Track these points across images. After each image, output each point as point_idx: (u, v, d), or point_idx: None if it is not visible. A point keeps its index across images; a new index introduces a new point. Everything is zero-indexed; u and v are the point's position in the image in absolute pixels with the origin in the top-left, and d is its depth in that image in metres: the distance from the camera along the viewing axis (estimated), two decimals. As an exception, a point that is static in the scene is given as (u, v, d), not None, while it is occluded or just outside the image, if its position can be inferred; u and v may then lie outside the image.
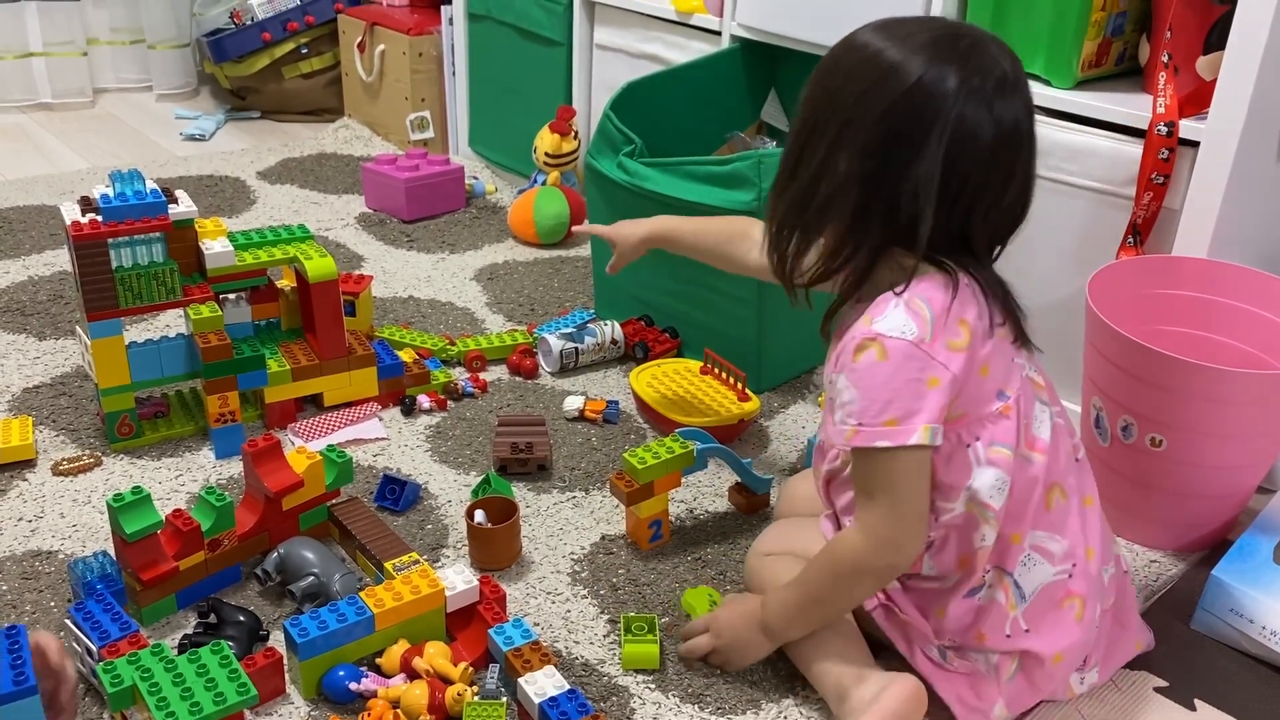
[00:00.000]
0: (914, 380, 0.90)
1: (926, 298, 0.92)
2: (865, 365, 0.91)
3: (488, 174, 2.51)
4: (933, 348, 0.90)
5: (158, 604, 1.13)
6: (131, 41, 2.98)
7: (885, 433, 0.91)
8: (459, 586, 1.10)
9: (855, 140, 0.90)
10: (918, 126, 0.88)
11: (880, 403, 0.91)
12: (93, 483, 1.36)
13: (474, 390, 1.61)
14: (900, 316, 0.91)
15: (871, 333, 0.91)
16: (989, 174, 0.90)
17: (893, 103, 0.88)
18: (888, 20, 0.94)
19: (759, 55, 1.90)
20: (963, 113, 0.87)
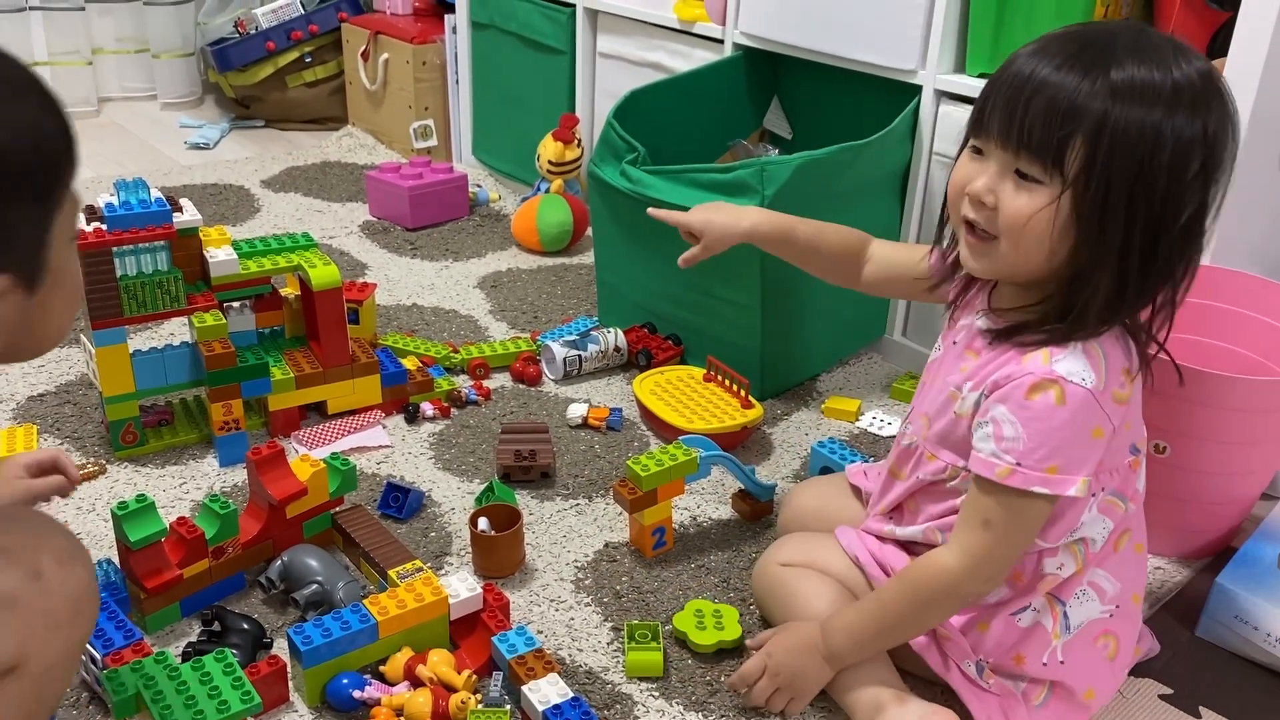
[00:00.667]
0: (1085, 430, 0.88)
1: (1106, 348, 0.89)
2: (1041, 407, 0.87)
3: (491, 182, 2.52)
4: (1104, 397, 0.88)
5: (162, 612, 1.13)
6: (136, 50, 3.00)
7: (1045, 479, 0.88)
8: (462, 594, 1.10)
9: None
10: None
11: (1048, 448, 0.88)
12: (97, 490, 1.36)
13: (477, 398, 1.61)
14: (1080, 361, 0.88)
15: (1052, 374, 0.87)
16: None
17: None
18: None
19: (761, 63, 1.90)
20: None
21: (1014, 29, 1.50)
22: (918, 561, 0.99)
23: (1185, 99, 0.83)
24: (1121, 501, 0.98)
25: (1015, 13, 1.49)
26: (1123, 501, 0.98)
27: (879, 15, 1.63)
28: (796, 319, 1.63)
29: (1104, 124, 0.82)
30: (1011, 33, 1.50)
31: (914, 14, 1.58)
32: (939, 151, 1.62)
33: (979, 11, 1.53)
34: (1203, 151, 0.84)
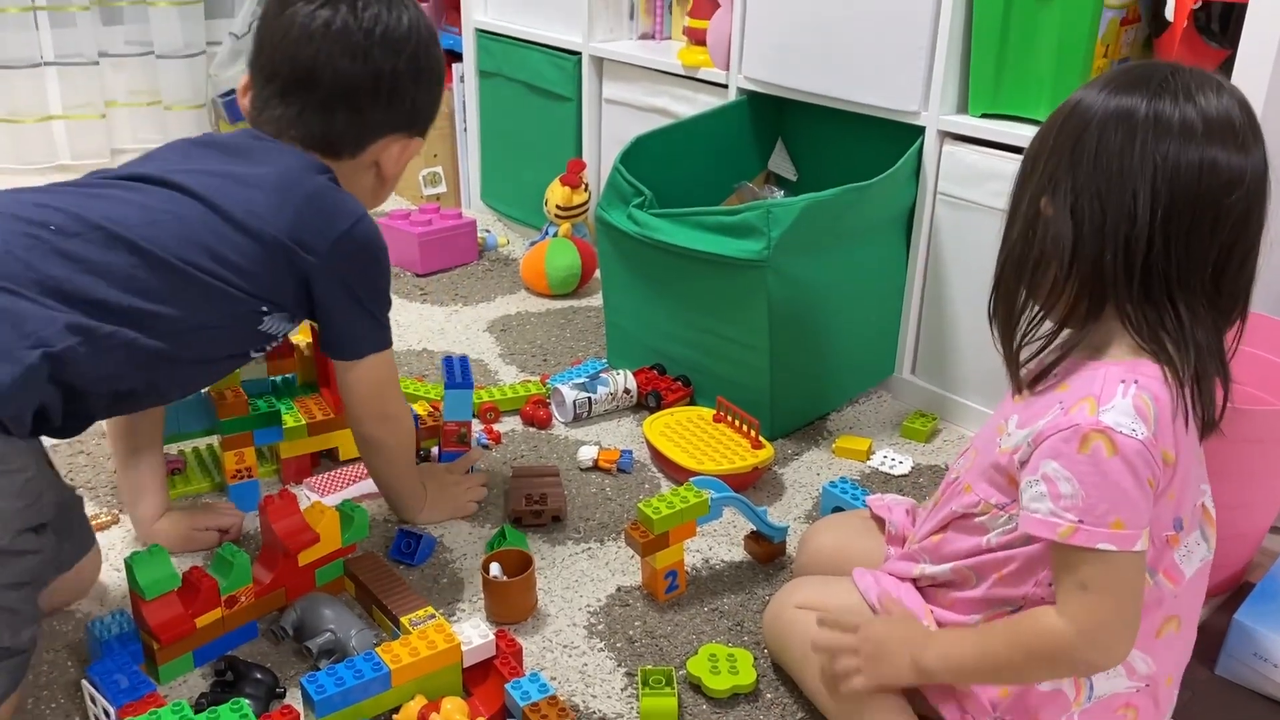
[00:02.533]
0: (1141, 482, 0.84)
1: (1151, 393, 0.85)
2: (1093, 460, 0.84)
3: (500, 227, 2.54)
4: (1155, 448, 0.84)
5: (175, 662, 1.13)
6: (149, 103, 3.04)
7: (1111, 536, 0.84)
8: (475, 641, 1.09)
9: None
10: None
11: (1108, 502, 0.84)
12: (110, 540, 1.37)
13: (488, 442, 1.61)
14: (1129, 411, 0.84)
15: (1100, 425, 0.84)
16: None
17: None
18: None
19: (765, 106, 1.92)
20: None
21: (1015, 69, 1.52)
22: (1025, 617, 0.93)
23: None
24: (1151, 577, 0.91)
25: (1017, 53, 1.51)
26: (1152, 577, 0.91)
27: (881, 58, 1.65)
28: (805, 358, 1.63)
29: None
30: (1013, 73, 1.52)
31: (916, 56, 1.60)
32: (944, 191, 1.64)
33: (980, 53, 1.55)
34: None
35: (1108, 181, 0.85)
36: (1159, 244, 0.85)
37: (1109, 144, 0.85)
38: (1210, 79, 0.87)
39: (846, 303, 1.65)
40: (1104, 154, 0.85)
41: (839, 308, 1.64)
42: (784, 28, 1.79)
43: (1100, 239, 0.86)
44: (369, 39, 1.14)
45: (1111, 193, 0.85)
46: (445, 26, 2.74)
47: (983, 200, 1.58)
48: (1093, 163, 0.86)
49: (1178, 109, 0.84)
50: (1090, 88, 0.89)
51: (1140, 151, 0.84)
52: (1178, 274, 0.86)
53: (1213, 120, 0.84)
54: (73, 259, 1.02)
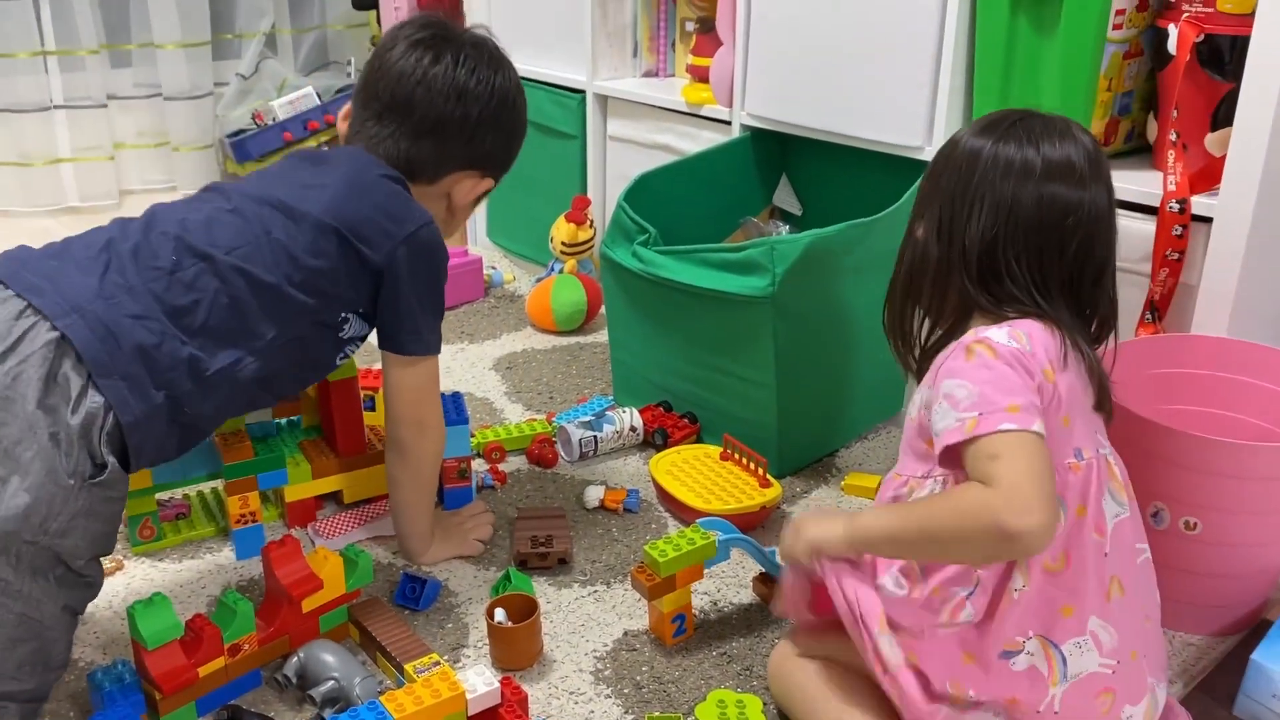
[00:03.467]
0: (1025, 378, 0.94)
1: (1026, 331, 0.98)
2: (979, 362, 0.96)
3: (506, 263, 2.54)
4: (1030, 360, 0.95)
5: (178, 712, 1.12)
6: (156, 144, 3.06)
7: (1009, 416, 0.91)
8: (480, 689, 1.08)
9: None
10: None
11: (1000, 392, 0.93)
12: (114, 587, 1.36)
13: (494, 483, 1.60)
14: (1004, 333, 0.97)
15: (981, 336, 0.97)
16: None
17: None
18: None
19: (769, 142, 1.92)
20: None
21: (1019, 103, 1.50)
22: (954, 488, 0.98)
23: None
24: (1064, 511, 0.96)
25: (1020, 88, 1.51)
26: (1063, 509, 0.96)
27: (884, 93, 1.65)
28: (813, 395, 1.62)
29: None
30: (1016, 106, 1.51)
31: (918, 91, 1.60)
32: (949, 225, 1.63)
33: (983, 87, 1.55)
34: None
35: (955, 209, 1.02)
36: (1010, 261, 1.00)
37: (962, 178, 1.02)
38: (1059, 126, 1.03)
39: (854, 338, 1.64)
40: (957, 186, 1.03)
41: (846, 343, 1.63)
42: (787, 64, 1.80)
43: (960, 257, 1.02)
44: (463, 87, 1.28)
45: (957, 218, 1.02)
46: (450, 66, 2.76)
47: (988, 234, 1.57)
48: (949, 193, 1.03)
49: (1020, 151, 1.01)
50: (965, 130, 1.06)
51: (979, 185, 1.01)
52: (1035, 286, 1.00)
53: (1052, 162, 1.00)
54: (188, 288, 1.13)
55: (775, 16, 1.80)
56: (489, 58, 1.32)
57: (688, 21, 2.14)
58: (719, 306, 1.54)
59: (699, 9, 2.05)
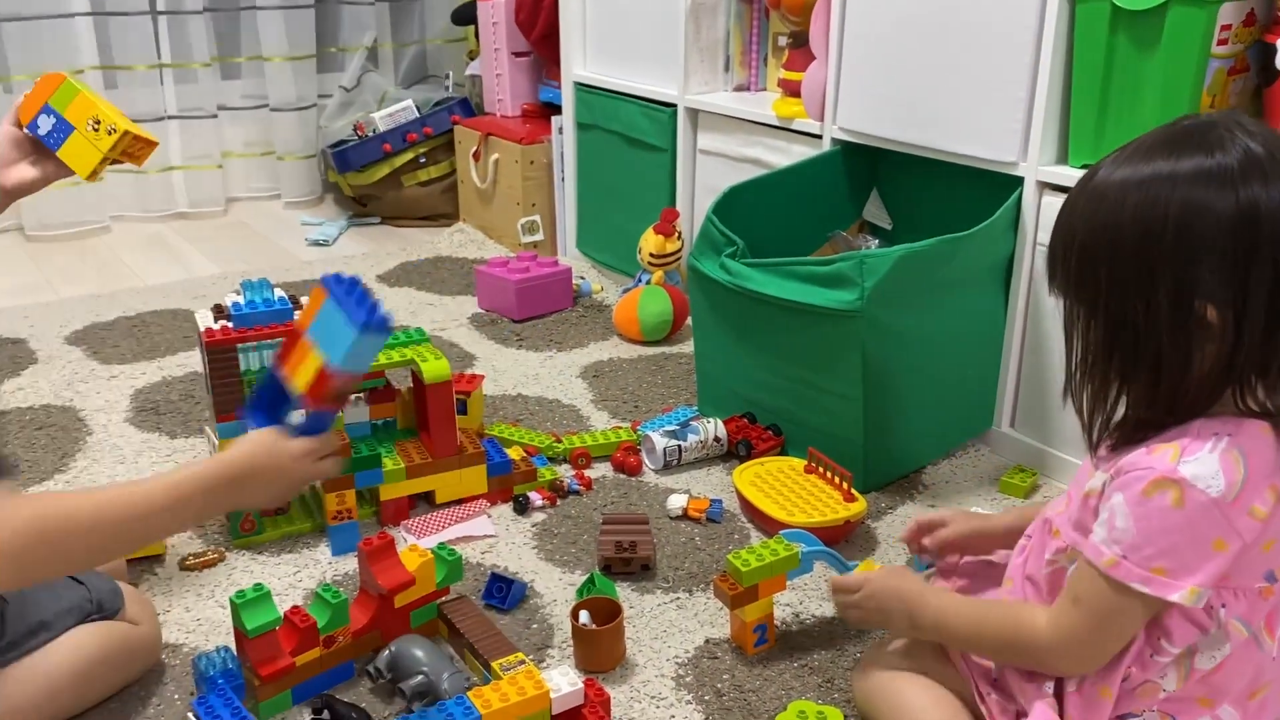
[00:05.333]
0: (1202, 537, 0.85)
1: (1245, 449, 0.85)
2: (1156, 506, 0.85)
3: (594, 274, 2.58)
4: (1233, 509, 0.84)
5: (274, 699, 1.16)
6: (262, 154, 3.18)
7: (1148, 578, 0.86)
8: (564, 689, 1.10)
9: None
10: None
11: (1157, 549, 0.85)
12: (216, 578, 1.42)
13: (579, 488, 1.63)
14: (1213, 465, 0.84)
15: (1175, 474, 0.84)
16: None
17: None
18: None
19: (860, 156, 1.92)
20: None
21: (1118, 120, 1.49)
22: (1024, 609, 0.99)
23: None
24: (1246, 629, 0.91)
25: (1119, 104, 1.49)
26: (1246, 630, 0.91)
27: (979, 109, 1.64)
28: (900, 410, 1.61)
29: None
30: (1115, 124, 1.49)
31: (1015, 107, 1.59)
32: (1043, 243, 1.61)
33: (1081, 103, 1.53)
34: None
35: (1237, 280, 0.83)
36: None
37: (1241, 239, 0.83)
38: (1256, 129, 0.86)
39: (943, 354, 1.63)
40: (1235, 249, 0.83)
41: (935, 359, 1.62)
42: (880, 79, 1.79)
43: (1267, 340, 0.84)
44: None
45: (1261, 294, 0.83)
46: (545, 80, 2.82)
47: (1084, 252, 1.55)
48: (1265, 267, 0.83)
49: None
50: (1209, 182, 0.84)
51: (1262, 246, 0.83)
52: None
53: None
54: None
55: (870, 31, 1.80)
56: None
57: (780, 36, 2.15)
58: (807, 319, 1.54)
59: (792, 24, 2.06)
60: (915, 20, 1.72)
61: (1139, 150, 0.89)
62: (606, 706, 1.13)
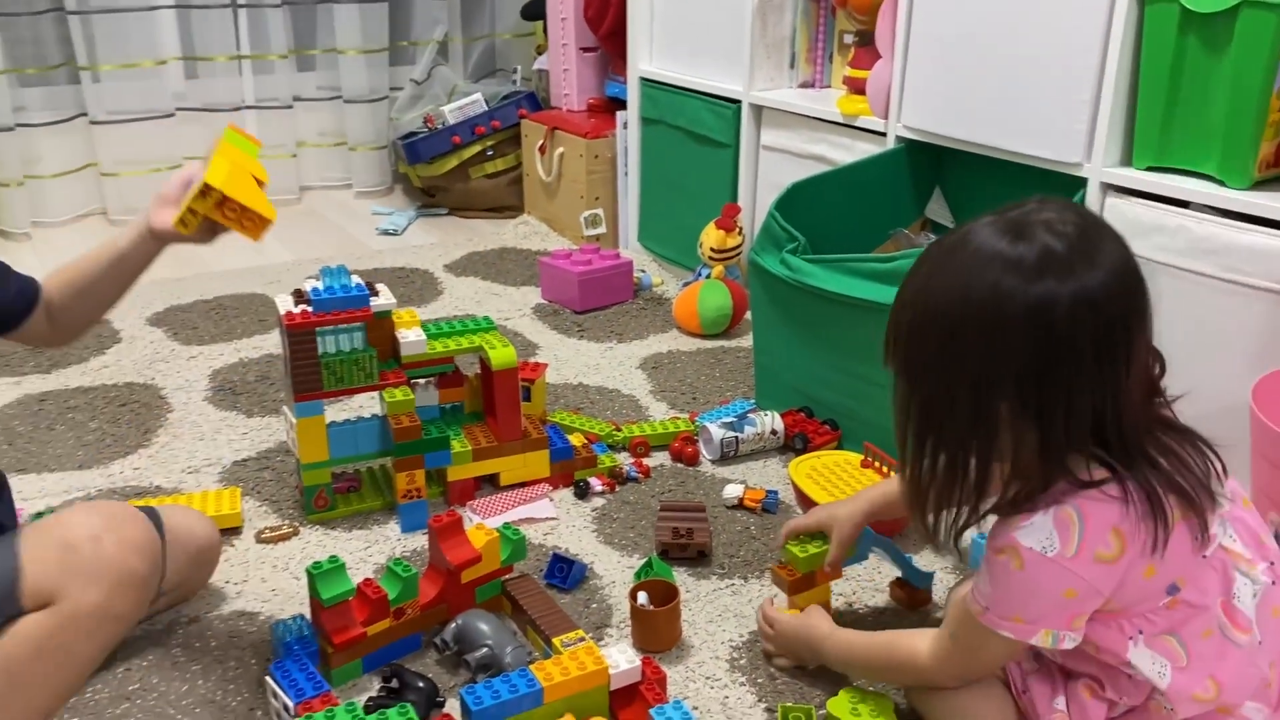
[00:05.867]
0: (1046, 591, 0.94)
1: (1080, 508, 0.92)
2: (1001, 568, 0.96)
3: (654, 267, 2.62)
4: (1074, 562, 0.92)
5: (346, 667, 1.22)
6: (335, 144, 3.27)
7: (1010, 626, 0.97)
8: (622, 665, 1.14)
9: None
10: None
11: (1009, 604, 0.96)
12: (290, 551, 1.48)
13: (637, 475, 1.67)
14: (1045, 528, 0.93)
15: (1013, 542, 0.94)
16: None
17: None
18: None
19: (923, 154, 1.94)
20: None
21: (1184, 122, 1.49)
22: (903, 635, 1.12)
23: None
24: (1176, 640, 0.96)
25: (1186, 107, 1.49)
26: (1177, 640, 0.96)
27: (1044, 109, 1.64)
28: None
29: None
30: (1181, 126, 1.50)
31: (1080, 108, 1.59)
32: (1105, 243, 1.61)
33: (1147, 105, 1.53)
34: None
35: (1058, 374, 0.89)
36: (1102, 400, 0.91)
37: (1069, 339, 0.88)
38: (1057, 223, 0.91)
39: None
40: (1063, 353, 0.88)
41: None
42: (946, 77, 1.81)
43: (1067, 424, 0.91)
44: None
45: (1066, 381, 0.89)
46: (611, 76, 2.86)
47: (1148, 254, 1.54)
48: (1059, 364, 0.89)
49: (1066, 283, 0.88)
50: (992, 267, 0.90)
51: (1078, 332, 0.88)
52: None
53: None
54: None
55: (937, 30, 1.81)
56: None
57: (846, 34, 2.16)
58: (866, 316, 1.56)
59: (859, 22, 2.07)
60: (983, 20, 1.73)
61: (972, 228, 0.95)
62: (663, 684, 1.17)
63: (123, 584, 1.07)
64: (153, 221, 1.21)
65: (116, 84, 2.93)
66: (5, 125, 2.81)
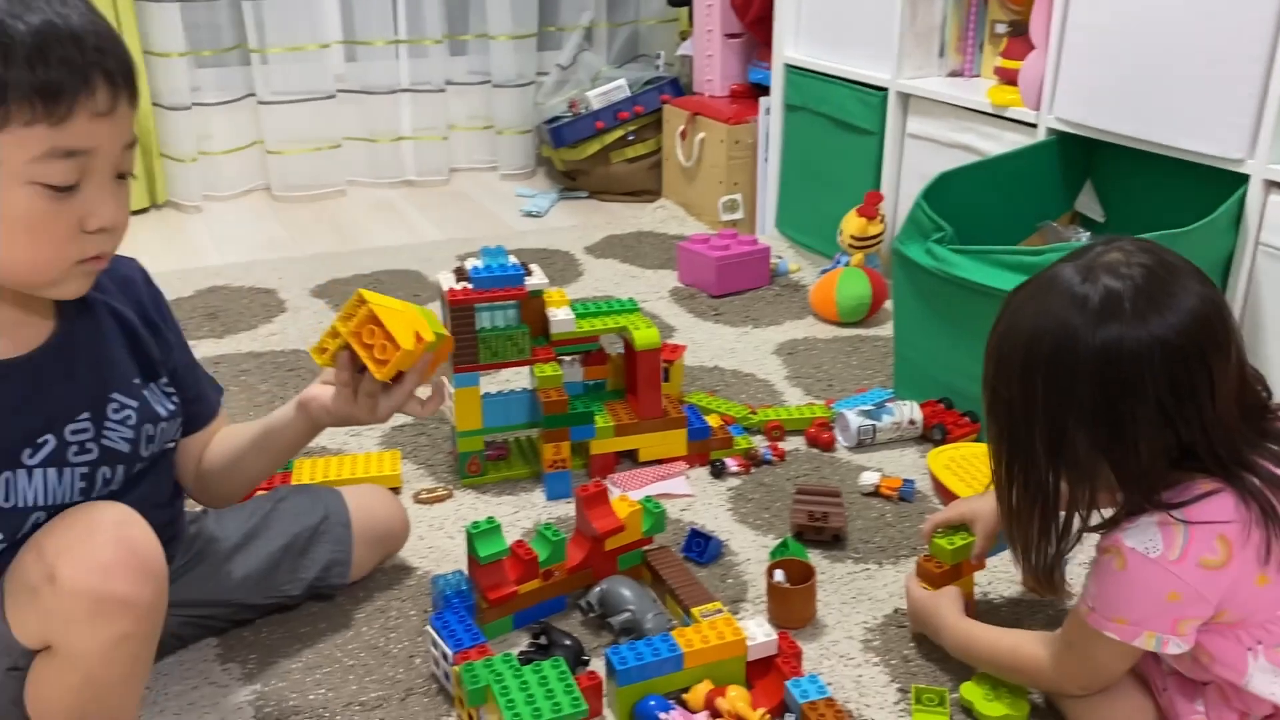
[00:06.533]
0: (1148, 592, 0.97)
1: (1186, 513, 0.95)
2: (1106, 568, 0.99)
3: (792, 254, 2.63)
4: (1177, 565, 0.95)
5: (498, 622, 1.30)
6: (483, 127, 3.38)
7: (1114, 628, 0.99)
8: (759, 638, 1.18)
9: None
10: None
11: (1114, 604, 0.99)
12: (445, 512, 1.57)
13: (773, 458, 1.71)
14: (1149, 531, 0.96)
15: (1116, 541, 0.98)
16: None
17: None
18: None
19: (1075, 147, 1.91)
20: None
21: (1360, 118, 1.44)
22: (1026, 640, 1.13)
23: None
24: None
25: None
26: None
27: (1205, 102, 1.61)
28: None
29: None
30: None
31: (1244, 102, 1.55)
32: (1267, 243, 1.57)
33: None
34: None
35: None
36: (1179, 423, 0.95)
37: (1134, 381, 0.94)
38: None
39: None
40: (1129, 394, 0.94)
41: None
42: (1102, 69, 1.78)
43: (1141, 459, 0.96)
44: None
45: (1135, 420, 0.95)
46: (756, 62, 2.88)
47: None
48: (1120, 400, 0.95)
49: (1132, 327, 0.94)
50: (1062, 309, 0.96)
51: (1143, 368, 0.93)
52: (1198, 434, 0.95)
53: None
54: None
55: (1094, 21, 1.78)
56: None
57: (998, 24, 2.14)
58: (1011, 308, 1.56)
59: (1012, 12, 2.05)
60: (1142, 10, 1.69)
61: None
62: (798, 658, 1.20)
63: (103, 613, 0.93)
64: (302, 394, 1.16)
65: (283, 66, 3.10)
66: (182, 104, 3.00)
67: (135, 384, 1.09)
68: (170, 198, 3.06)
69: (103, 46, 0.92)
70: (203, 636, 1.30)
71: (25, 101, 0.87)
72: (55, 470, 1.01)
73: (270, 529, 1.32)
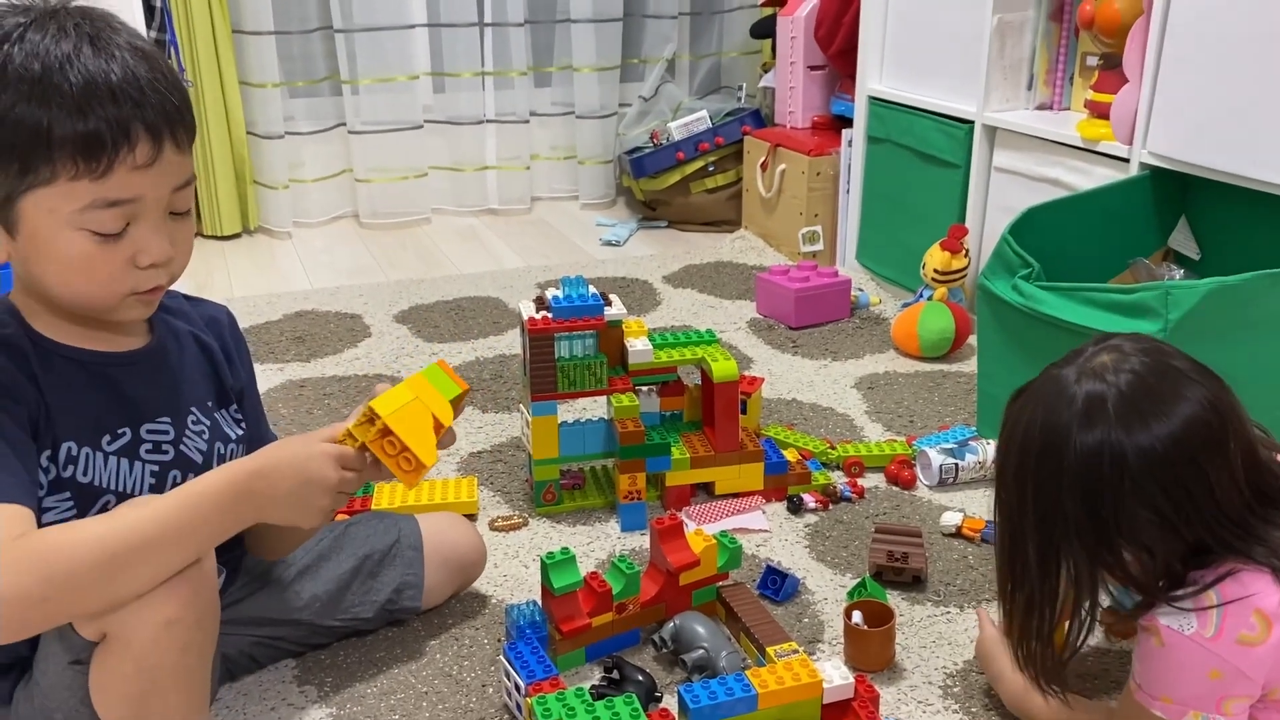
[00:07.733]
0: (1188, 670, 0.96)
1: (1221, 590, 0.95)
2: (1146, 648, 0.99)
3: (872, 286, 2.61)
4: (1214, 643, 0.94)
5: (571, 654, 1.30)
6: (565, 157, 3.42)
7: (1160, 706, 0.99)
8: (836, 680, 1.16)
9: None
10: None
11: (1158, 683, 0.99)
12: (520, 540, 1.58)
13: (851, 495, 1.68)
14: (1185, 610, 0.96)
15: (1155, 623, 0.98)
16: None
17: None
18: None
19: (1168, 182, 1.85)
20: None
21: None
22: (1086, 705, 1.13)
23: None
24: None
25: None
26: None
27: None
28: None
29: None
30: None
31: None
32: (1376, 283, 1.50)
33: None
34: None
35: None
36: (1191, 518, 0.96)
37: (1115, 483, 0.95)
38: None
39: (1253, 397, 1.54)
40: (1115, 496, 0.96)
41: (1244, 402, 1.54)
42: (1198, 103, 1.73)
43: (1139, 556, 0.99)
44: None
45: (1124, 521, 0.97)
46: (838, 94, 2.86)
47: None
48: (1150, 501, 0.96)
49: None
50: (1050, 410, 1.00)
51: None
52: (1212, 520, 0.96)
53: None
54: None
55: (1190, 54, 1.74)
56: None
57: (1090, 56, 2.10)
58: (1101, 347, 1.52)
59: (1104, 45, 2.01)
60: (1242, 43, 1.64)
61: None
62: (875, 703, 1.18)
63: (147, 598, 0.95)
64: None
65: (372, 96, 3.17)
66: (276, 133, 3.09)
67: (209, 405, 1.17)
68: (262, 224, 3.15)
69: (143, 99, 0.95)
70: (279, 658, 1.32)
71: (69, 159, 0.93)
72: (127, 461, 1.08)
73: (341, 551, 1.34)
